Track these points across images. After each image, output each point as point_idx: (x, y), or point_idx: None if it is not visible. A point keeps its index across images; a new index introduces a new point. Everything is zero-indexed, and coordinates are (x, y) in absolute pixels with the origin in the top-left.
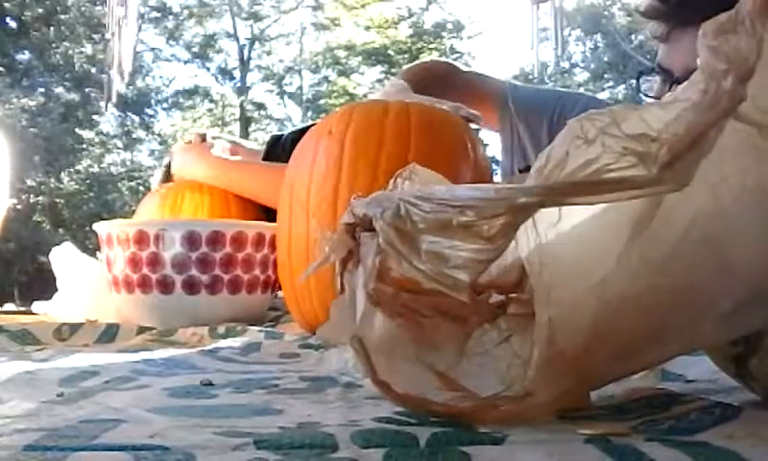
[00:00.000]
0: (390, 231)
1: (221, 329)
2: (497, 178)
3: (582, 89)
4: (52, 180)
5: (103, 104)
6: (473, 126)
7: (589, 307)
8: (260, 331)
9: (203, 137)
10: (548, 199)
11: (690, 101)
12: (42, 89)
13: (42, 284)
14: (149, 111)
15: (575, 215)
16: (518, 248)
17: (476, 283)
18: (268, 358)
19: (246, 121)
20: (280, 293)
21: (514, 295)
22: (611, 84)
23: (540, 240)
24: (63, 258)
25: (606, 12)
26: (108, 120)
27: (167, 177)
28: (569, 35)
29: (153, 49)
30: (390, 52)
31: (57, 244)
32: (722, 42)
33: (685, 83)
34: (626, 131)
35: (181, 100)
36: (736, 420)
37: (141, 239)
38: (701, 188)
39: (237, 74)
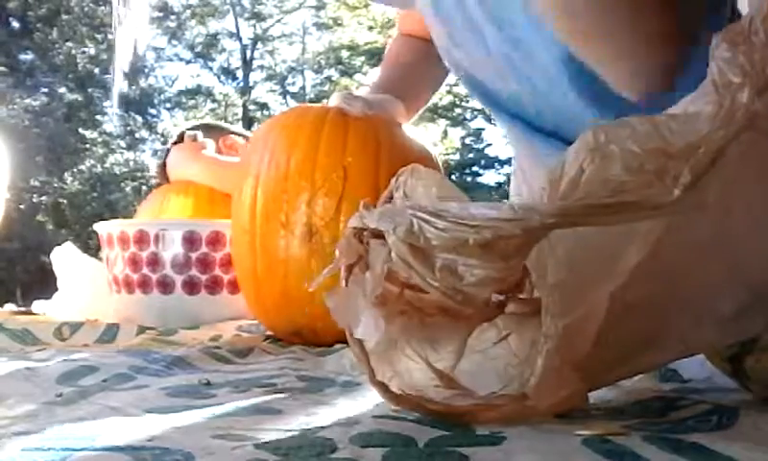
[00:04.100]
0: (403, 247)
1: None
2: None
3: None
4: (55, 180)
5: (106, 103)
6: None
7: (597, 316)
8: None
9: (194, 138)
10: (565, 220)
11: (704, 114)
12: (45, 89)
13: (44, 284)
14: (152, 111)
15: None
16: None
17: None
18: (266, 358)
19: (249, 121)
20: None
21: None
22: None
23: (548, 246)
24: (64, 258)
25: None
26: (111, 120)
27: (162, 174)
28: None
29: (155, 49)
30: None
31: (60, 244)
32: (736, 54)
33: (694, 93)
34: (642, 145)
35: (184, 100)
36: (733, 421)
37: (141, 239)
38: None
39: (240, 74)
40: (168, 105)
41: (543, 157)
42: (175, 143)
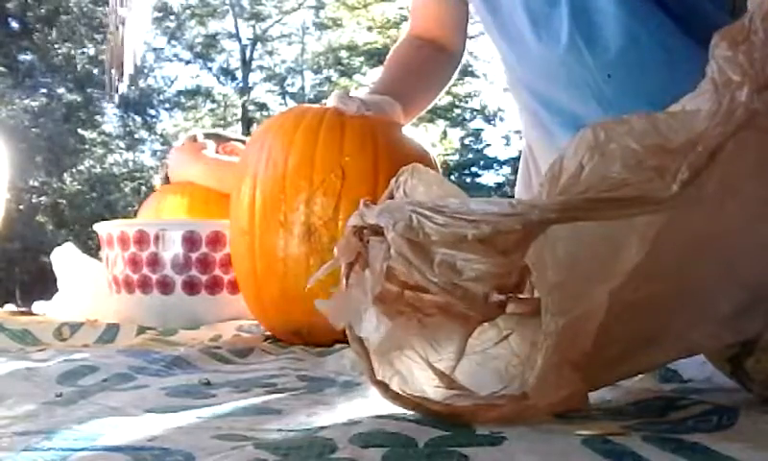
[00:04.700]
0: (402, 243)
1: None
2: None
3: None
4: (54, 180)
5: (105, 104)
6: None
7: (597, 315)
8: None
9: (194, 138)
10: (564, 215)
11: (703, 111)
12: (45, 90)
13: (44, 284)
14: (151, 112)
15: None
16: None
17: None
18: (266, 358)
19: (248, 122)
20: None
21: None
22: None
23: (548, 245)
24: (64, 259)
25: None
26: (111, 120)
27: (167, 177)
28: None
29: (154, 49)
30: None
31: (59, 244)
32: (736, 53)
33: (694, 92)
34: (641, 142)
35: (183, 100)
36: (733, 421)
37: (141, 239)
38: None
39: (239, 74)
40: (167, 105)
41: (555, 131)
42: None
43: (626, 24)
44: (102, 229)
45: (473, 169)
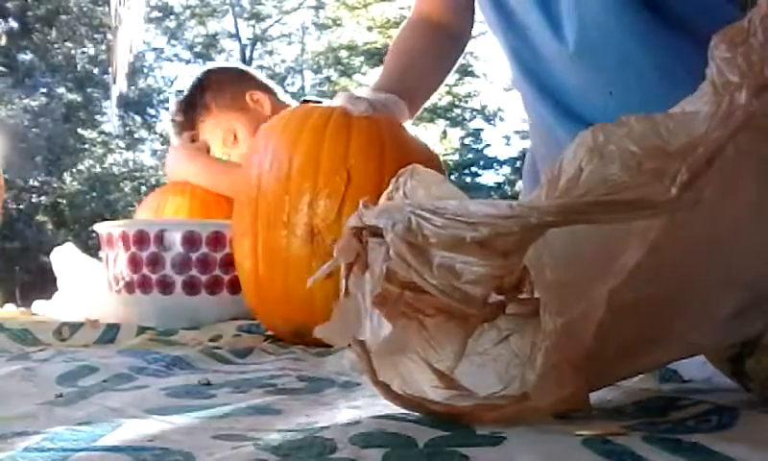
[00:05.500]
0: (401, 245)
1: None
2: None
3: None
4: (54, 180)
5: (106, 103)
6: None
7: (596, 314)
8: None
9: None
10: (563, 218)
11: (702, 113)
12: (44, 90)
13: (44, 284)
14: (151, 111)
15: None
16: None
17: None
18: (266, 358)
19: None
20: None
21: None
22: None
23: (546, 244)
24: (64, 259)
25: None
26: (110, 120)
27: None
28: None
29: (154, 49)
30: None
31: (59, 244)
32: (735, 54)
33: (692, 95)
34: (640, 144)
35: None
36: (733, 421)
37: (141, 239)
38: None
39: None
40: (167, 105)
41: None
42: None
43: (624, 44)
44: (102, 229)
45: (473, 169)
